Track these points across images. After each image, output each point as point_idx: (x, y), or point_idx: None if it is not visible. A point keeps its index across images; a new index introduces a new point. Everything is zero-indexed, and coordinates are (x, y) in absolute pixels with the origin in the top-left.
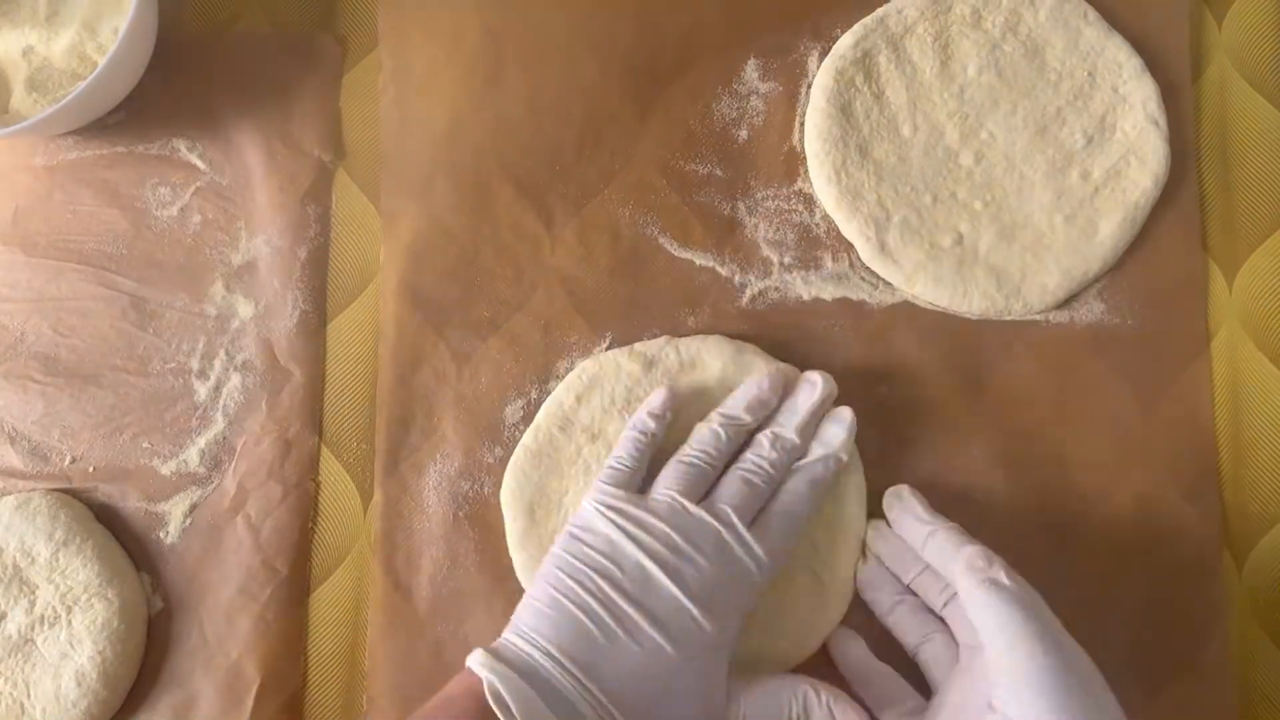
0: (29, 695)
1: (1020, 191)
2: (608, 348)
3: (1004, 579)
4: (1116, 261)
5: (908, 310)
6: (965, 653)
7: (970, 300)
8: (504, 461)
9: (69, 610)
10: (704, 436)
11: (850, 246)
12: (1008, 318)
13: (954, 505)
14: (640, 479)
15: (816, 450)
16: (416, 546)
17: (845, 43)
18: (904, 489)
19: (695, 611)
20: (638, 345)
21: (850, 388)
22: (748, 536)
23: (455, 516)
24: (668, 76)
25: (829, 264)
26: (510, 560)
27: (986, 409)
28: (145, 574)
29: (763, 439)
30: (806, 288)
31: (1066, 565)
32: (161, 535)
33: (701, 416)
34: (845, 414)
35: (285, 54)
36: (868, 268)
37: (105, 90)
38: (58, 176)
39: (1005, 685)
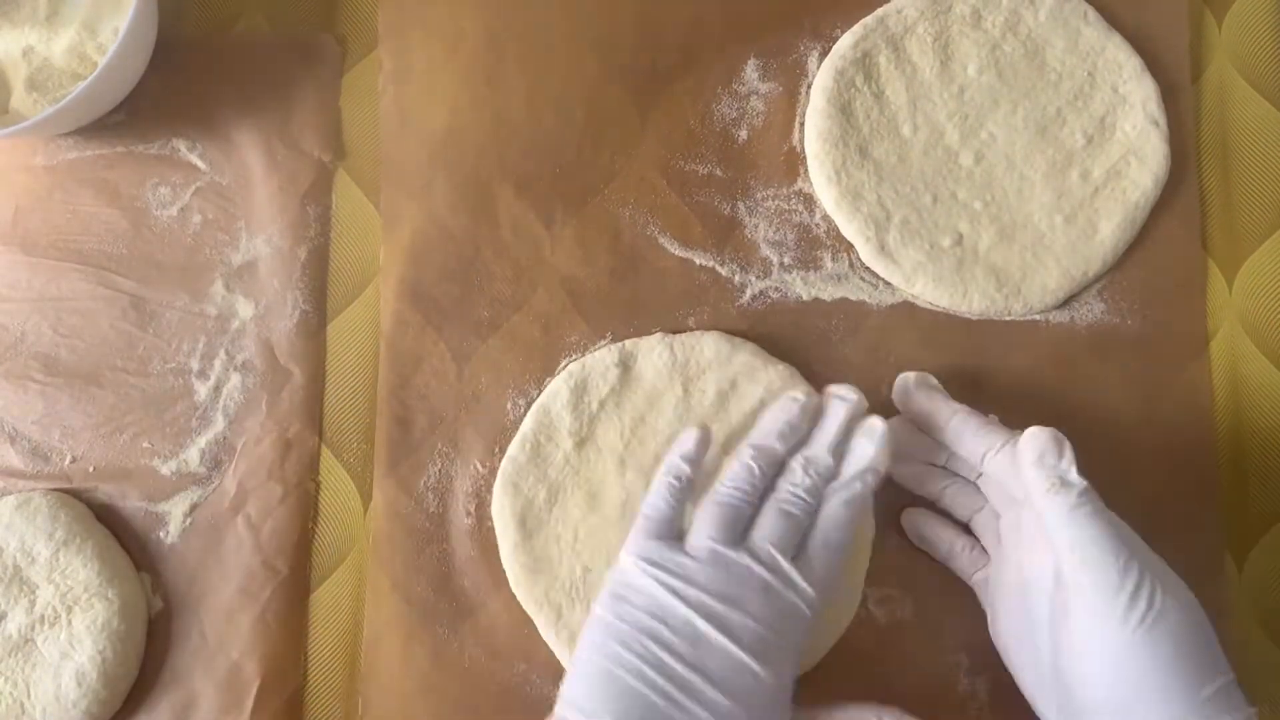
0: (29, 695)
1: (1020, 191)
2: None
3: (1073, 476)
4: (1116, 261)
5: (908, 310)
6: (1009, 509)
7: (970, 300)
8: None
9: (69, 610)
10: (737, 473)
11: (850, 246)
12: (1008, 318)
13: None
14: (678, 525)
15: (850, 467)
16: (415, 547)
17: (845, 43)
18: (913, 375)
19: (754, 666)
20: (627, 343)
21: None
22: (794, 575)
23: (454, 517)
24: (668, 76)
25: (829, 264)
26: None
27: (986, 409)
28: (145, 574)
29: (796, 466)
30: (806, 288)
31: None
32: (161, 535)
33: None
34: (876, 426)
35: (285, 54)
36: (868, 268)
37: (105, 90)
38: (58, 176)
39: (1079, 586)
